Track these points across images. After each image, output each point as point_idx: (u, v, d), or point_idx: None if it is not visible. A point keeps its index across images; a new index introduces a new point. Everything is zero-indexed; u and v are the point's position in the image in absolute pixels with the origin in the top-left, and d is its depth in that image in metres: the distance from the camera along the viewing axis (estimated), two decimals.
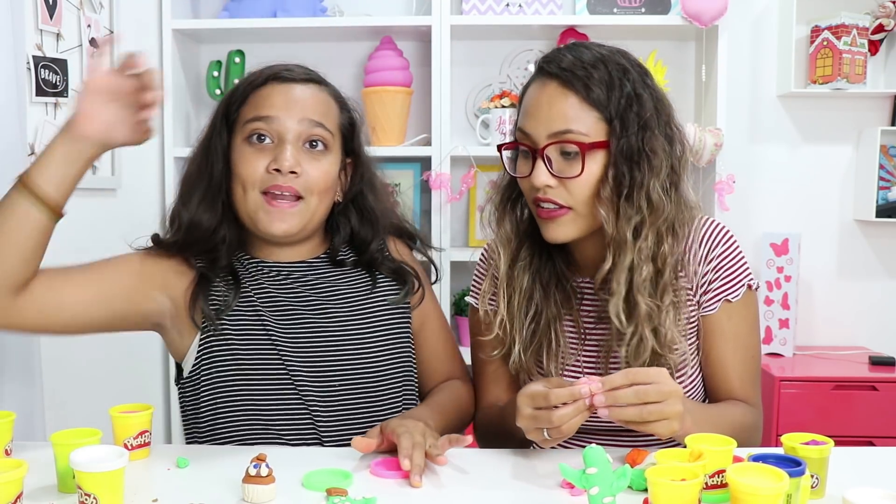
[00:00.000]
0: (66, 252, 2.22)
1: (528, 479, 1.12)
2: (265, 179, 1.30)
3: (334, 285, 1.41)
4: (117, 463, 0.96)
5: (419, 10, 2.73)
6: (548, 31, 2.69)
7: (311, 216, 1.35)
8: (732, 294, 1.29)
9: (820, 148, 2.82)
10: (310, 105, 1.34)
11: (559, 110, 1.21)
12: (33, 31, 2.09)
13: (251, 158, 1.31)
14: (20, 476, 0.93)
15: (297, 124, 1.32)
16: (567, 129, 1.20)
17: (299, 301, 1.37)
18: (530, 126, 1.23)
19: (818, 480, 1.01)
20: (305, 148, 1.33)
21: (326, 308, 1.37)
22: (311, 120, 1.33)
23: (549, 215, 1.24)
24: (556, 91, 1.21)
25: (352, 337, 1.36)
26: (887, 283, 2.84)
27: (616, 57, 1.24)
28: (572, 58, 1.22)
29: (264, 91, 1.35)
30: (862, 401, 2.43)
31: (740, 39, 2.77)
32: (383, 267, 1.44)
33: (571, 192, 1.22)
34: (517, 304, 1.31)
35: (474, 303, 1.42)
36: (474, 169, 2.66)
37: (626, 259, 1.21)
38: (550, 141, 1.21)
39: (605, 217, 1.21)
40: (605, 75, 1.20)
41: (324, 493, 1.04)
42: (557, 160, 1.21)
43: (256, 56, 2.70)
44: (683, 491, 0.87)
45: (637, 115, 1.20)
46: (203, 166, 1.36)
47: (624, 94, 1.20)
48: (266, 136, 1.32)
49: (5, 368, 1.72)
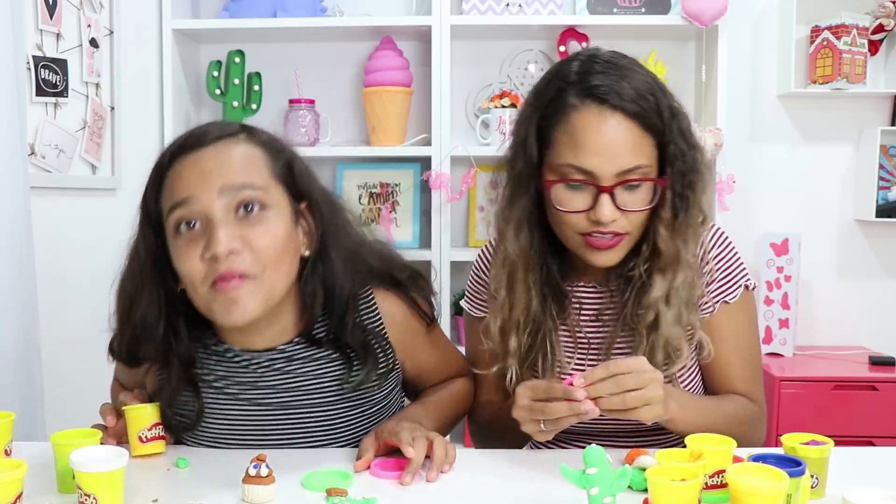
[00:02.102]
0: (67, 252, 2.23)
1: (527, 479, 1.11)
2: (208, 272, 1.11)
3: (306, 376, 1.25)
4: (117, 463, 0.96)
5: (419, 10, 2.73)
6: (548, 31, 2.69)
7: (270, 293, 1.14)
8: (730, 295, 1.29)
9: (820, 148, 2.82)
10: (227, 168, 1.13)
11: (627, 147, 1.15)
12: (33, 31, 2.09)
13: (185, 253, 1.12)
14: (20, 476, 0.92)
15: (218, 196, 1.11)
16: (637, 165, 1.16)
17: (272, 391, 1.25)
18: (593, 163, 1.15)
19: (818, 480, 1.01)
20: (240, 216, 1.12)
21: (300, 398, 1.25)
22: (233, 185, 1.12)
23: (606, 245, 1.19)
24: (621, 125, 1.15)
25: (327, 423, 1.26)
26: (887, 283, 2.83)
27: (644, 72, 1.20)
28: (625, 84, 1.15)
29: (173, 171, 1.15)
30: (862, 401, 2.43)
31: (740, 39, 2.77)
32: (351, 340, 1.24)
33: (632, 220, 1.19)
34: (514, 319, 1.28)
35: (468, 308, 1.42)
36: (474, 169, 2.66)
37: (680, 276, 1.21)
38: (620, 180, 1.15)
39: (664, 236, 1.21)
40: (653, 100, 1.17)
41: (324, 493, 1.04)
42: (620, 193, 1.17)
43: (256, 56, 2.72)
44: (683, 491, 0.87)
45: (680, 132, 1.19)
46: (137, 280, 1.20)
47: (667, 112, 1.18)
48: (193, 221, 1.12)
49: (5, 368, 1.72)
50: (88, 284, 2.28)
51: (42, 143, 2.12)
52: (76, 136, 2.27)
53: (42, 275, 1.90)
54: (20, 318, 1.77)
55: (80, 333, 2.19)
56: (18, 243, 1.77)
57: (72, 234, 2.25)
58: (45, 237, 2.01)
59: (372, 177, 2.78)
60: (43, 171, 2.13)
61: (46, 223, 2.08)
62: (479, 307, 1.40)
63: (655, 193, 1.19)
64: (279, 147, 1.22)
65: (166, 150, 1.18)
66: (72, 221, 2.26)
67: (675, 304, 1.21)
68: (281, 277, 1.16)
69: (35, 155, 2.09)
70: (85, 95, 2.32)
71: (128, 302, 1.21)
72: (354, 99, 2.79)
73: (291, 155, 1.23)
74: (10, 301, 1.73)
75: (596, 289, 1.32)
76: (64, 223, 2.22)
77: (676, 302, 1.21)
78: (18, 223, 1.77)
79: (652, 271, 1.22)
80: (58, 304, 2.12)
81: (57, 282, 2.13)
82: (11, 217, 1.75)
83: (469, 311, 1.42)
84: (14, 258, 1.75)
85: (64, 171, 2.21)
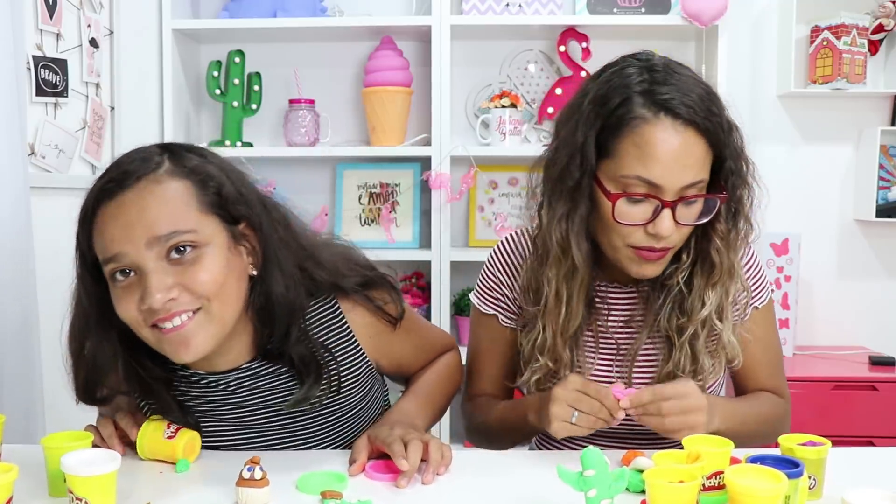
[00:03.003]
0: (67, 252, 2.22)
1: (524, 481, 1.11)
2: (146, 317, 1.08)
3: (275, 390, 1.24)
4: (109, 466, 0.95)
5: (419, 10, 2.73)
6: (548, 30, 2.69)
7: (221, 324, 1.11)
8: (759, 301, 1.32)
9: (820, 148, 2.81)
10: (151, 217, 1.07)
11: (695, 161, 1.14)
12: (33, 31, 2.09)
13: (123, 301, 1.09)
14: (10, 480, 0.92)
15: (146, 249, 1.07)
16: (700, 179, 1.15)
17: (244, 408, 1.24)
18: (661, 177, 1.13)
19: (815, 481, 1.01)
20: (172, 260, 1.08)
21: (273, 412, 1.24)
22: (159, 236, 1.07)
23: (657, 257, 1.19)
24: (691, 139, 1.14)
25: (304, 432, 1.26)
26: (887, 283, 2.83)
27: (704, 84, 1.21)
28: (696, 98, 1.15)
29: (99, 221, 1.11)
30: (862, 401, 2.43)
31: (740, 39, 2.76)
32: (294, 354, 1.20)
33: (683, 234, 1.19)
34: (571, 329, 1.26)
35: (478, 303, 1.41)
36: (474, 169, 2.66)
37: (732, 289, 1.23)
38: (683, 195, 1.14)
39: (720, 249, 1.21)
40: (717, 114, 1.17)
41: (318, 496, 1.04)
42: (680, 207, 1.16)
43: (256, 56, 2.72)
44: (681, 493, 0.87)
45: (736, 146, 1.20)
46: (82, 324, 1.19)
47: (727, 125, 1.19)
48: (127, 270, 1.09)
49: (5, 368, 1.72)
50: None
51: (42, 143, 2.12)
52: (76, 136, 2.27)
53: (42, 275, 1.89)
54: (20, 318, 1.77)
55: None
56: (18, 243, 1.77)
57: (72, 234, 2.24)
58: (45, 237, 2.01)
59: (372, 177, 2.79)
60: (43, 171, 2.13)
61: (46, 223, 2.07)
62: (490, 304, 1.39)
63: (709, 207, 1.19)
64: (205, 174, 1.13)
65: (89, 194, 1.13)
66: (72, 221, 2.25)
67: (728, 318, 1.24)
68: (229, 306, 1.12)
69: (35, 155, 2.09)
70: (85, 95, 2.32)
71: (78, 345, 1.19)
72: (354, 99, 2.79)
73: (220, 179, 1.13)
74: (10, 301, 1.73)
75: (621, 289, 1.31)
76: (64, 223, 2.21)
77: (728, 315, 1.24)
78: (18, 223, 1.77)
79: (700, 283, 1.23)
80: (58, 304, 2.12)
81: (57, 282, 2.12)
82: (11, 217, 1.75)
83: (478, 305, 1.41)
84: (14, 258, 1.75)
85: (64, 171, 2.21)
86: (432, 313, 2.60)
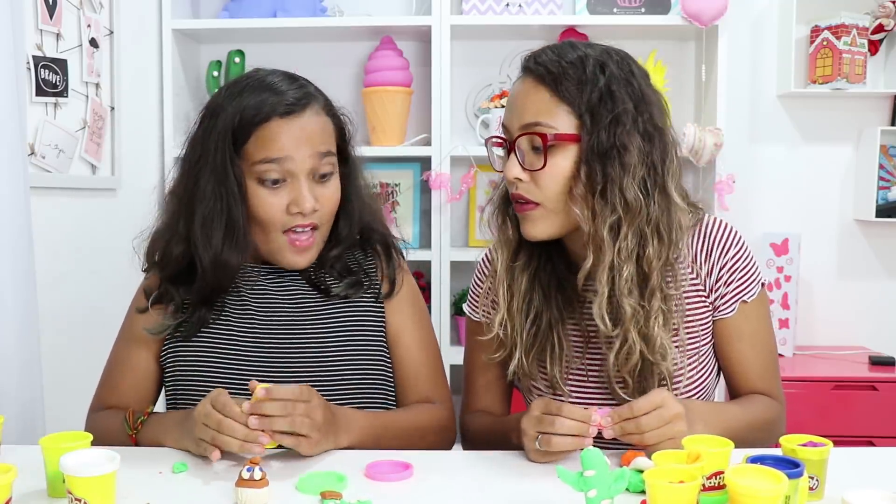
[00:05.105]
0: (67, 251, 2.23)
1: (525, 481, 1.11)
2: (286, 221, 1.31)
3: (283, 294, 1.39)
4: (108, 467, 0.95)
5: (419, 10, 2.73)
6: (548, 31, 2.69)
7: (323, 240, 1.38)
8: (748, 294, 1.30)
9: (820, 148, 2.82)
10: (317, 136, 1.32)
11: (531, 103, 1.22)
12: (33, 31, 2.09)
13: (270, 202, 1.30)
14: (9, 481, 0.92)
15: (308, 161, 1.30)
16: (536, 121, 1.21)
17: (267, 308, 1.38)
18: (507, 119, 1.26)
19: (818, 482, 1.01)
20: (316, 179, 1.33)
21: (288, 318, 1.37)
22: (319, 153, 1.32)
23: (521, 210, 1.25)
24: (531, 85, 1.23)
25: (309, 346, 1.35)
26: (887, 283, 2.83)
27: (600, 55, 1.23)
28: (552, 55, 1.23)
29: (269, 130, 1.29)
30: (862, 401, 2.43)
31: (740, 39, 2.77)
32: (333, 270, 1.41)
33: (540, 187, 1.22)
34: (517, 307, 1.30)
35: (469, 311, 1.42)
36: (474, 169, 2.66)
37: (605, 258, 1.20)
38: (521, 133, 1.22)
39: (581, 215, 1.21)
40: (580, 71, 1.20)
41: (318, 496, 1.03)
42: (528, 154, 1.23)
43: (256, 56, 2.72)
44: (681, 493, 0.87)
45: (609, 112, 1.19)
46: (219, 205, 1.30)
47: (597, 89, 1.20)
48: (279, 178, 1.30)
49: (5, 368, 1.72)
50: (88, 284, 2.28)
51: (42, 143, 2.12)
52: (76, 136, 2.27)
53: (42, 275, 1.90)
54: (20, 318, 1.77)
55: (80, 333, 2.19)
56: (18, 243, 1.77)
57: (72, 234, 2.24)
58: (45, 237, 2.01)
59: (372, 177, 2.77)
60: (43, 171, 2.13)
61: (46, 223, 2.08)
62: (481, 311, 1.40)
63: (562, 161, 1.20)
64: (338, 115, 1.39)
65: (259, 101, 1.29)
66: (72, 221, 2.26)
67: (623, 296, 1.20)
68: (330, 227, 1.38)
69: (35, 155, 2.09)
70: (85, 95, 2.32)
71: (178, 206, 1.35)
72: (354, 99, 2.79)
73: (343, 120, 1.40)
74: (10, 301, 1.73)
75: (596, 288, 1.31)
76: (64, 223, 2.22)
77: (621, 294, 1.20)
78: (18, 223, 1.77)
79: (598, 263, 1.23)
80: (58, 304, 2.12)
81: (57, 282, 2.13)
82: (11, 217, 1.75)
83: (470, 314, 1.43)
84: (14, 258, 1.75)
85: (64, 171, 2.21)
86: (432, 313, 2.59)
